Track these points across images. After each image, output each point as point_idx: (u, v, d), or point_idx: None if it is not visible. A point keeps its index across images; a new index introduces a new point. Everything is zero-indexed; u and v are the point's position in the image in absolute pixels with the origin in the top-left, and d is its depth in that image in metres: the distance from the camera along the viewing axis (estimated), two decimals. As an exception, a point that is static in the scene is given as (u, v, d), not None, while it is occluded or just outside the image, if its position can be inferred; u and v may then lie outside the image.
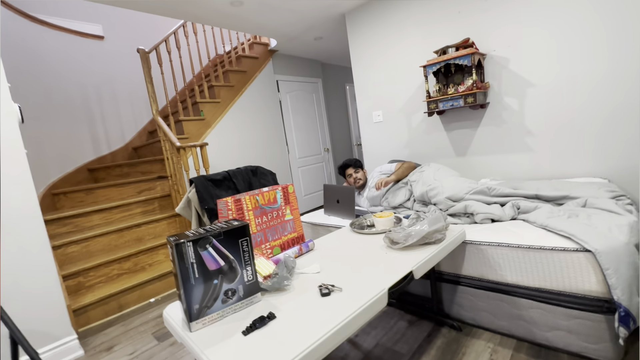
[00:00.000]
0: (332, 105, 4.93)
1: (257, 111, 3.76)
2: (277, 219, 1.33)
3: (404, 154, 2.80)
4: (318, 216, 2.21)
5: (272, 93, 3.96)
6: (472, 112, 2.36)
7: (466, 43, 2.18)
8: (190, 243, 0.89)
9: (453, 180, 1.84)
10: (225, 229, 0.93)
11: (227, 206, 1.21)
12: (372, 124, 3.01)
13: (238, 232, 0.94)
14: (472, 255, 1.45)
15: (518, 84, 2.14)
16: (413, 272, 1.10)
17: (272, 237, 1.32)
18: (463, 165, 2.47)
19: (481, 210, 1.62)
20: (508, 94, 2.19)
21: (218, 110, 3.36)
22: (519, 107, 2.17)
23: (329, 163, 4.81)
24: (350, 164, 2.37)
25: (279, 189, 1.36)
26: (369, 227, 1.61)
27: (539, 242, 1.31)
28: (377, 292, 0.96)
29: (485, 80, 2.26)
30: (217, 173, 2.27)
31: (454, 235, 1.35)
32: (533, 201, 1.65)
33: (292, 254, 1.27)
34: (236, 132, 3.52)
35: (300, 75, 4.36)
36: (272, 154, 3.91)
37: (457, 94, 2.19)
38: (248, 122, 3.65)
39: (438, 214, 1.35)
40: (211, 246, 0.90)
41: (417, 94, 2.63)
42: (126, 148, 3.56)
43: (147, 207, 2.78)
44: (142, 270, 2.41)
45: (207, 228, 0.95)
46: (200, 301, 0.90)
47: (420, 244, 1.25)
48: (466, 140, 2.44)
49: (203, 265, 0.91)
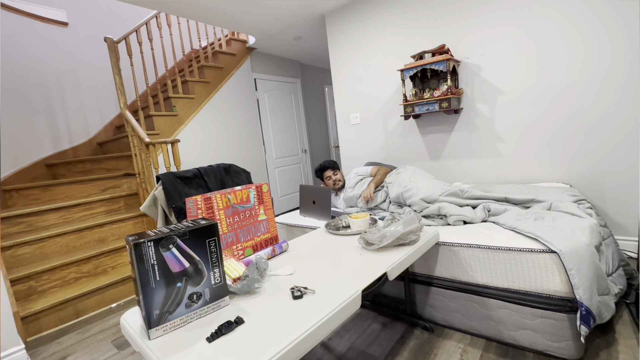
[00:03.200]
0: (311, 107, 4.92)
1: (234, 109, 3.69)
2: (249, 219, 1.32)
3: (381, 156, 2.83)
4: (293, 217, 2.19)
5: (250, 91, 3.91)
6: (447, 117, 2.42)
7: (442, 49, 2.23)
8: (151, 243, 0.83)
9: (428, 182, 1.87)
10: (192, 228, 0.90)
11: (196, 205, 1.18)
12: (349, 125, 3.02)
13: (205, 232, 0.91)
14: (445, 257, 1.48)
15: (489, 91, 2.22)
16: (387, 273, 1.09)
17: (244, 237, 1.30)
18: (437, 169, 2.52)
19: (454, 212, 1.66)
20: (480, 100, 2.27)
21: (192, 106, 3.27)
22: (490, 113, 2.24)
23: (307, 164, 4.79)
24: (328, 166, 2.37)
25: (253, 188, 1.35)
26: (344, 228, 1.61)
27: (508, 244, 1.35)
28: (350, 294, 0.95)
29: (459, 87, 2.32)
30: (187, 170, 2.20)
31: (428, 237, 1.37)
32: (502, 204, 1.70)
33: (264, 255, 1.25)
34: (211, 129, 3.45)
35: (279, 75, 4.33)
36: (248, 154, 3.85)
37: (432, 98, 2.23)
38: (223, 120, 3.58)
39: (413, 216, 1.35)
40: (175, 246, 0.87)
41: (394, 98, 2.67)
42: (90, 143, 3.37)
43: (111, 206, 2.63)
44: (103, 274, 2.26)
45: (172, 227, 0.92)
46: (162, 306, 0.84)
47: (395, 245, 1.26)
48: (440, 144, 2.50)
49: (165, 267, 0.85)
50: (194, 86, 3.29)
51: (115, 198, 2.65)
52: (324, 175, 2.39)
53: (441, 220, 1.71)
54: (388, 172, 2.23)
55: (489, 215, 1.66)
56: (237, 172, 2.40)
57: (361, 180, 2.27)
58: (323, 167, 2.38)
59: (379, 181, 2.15)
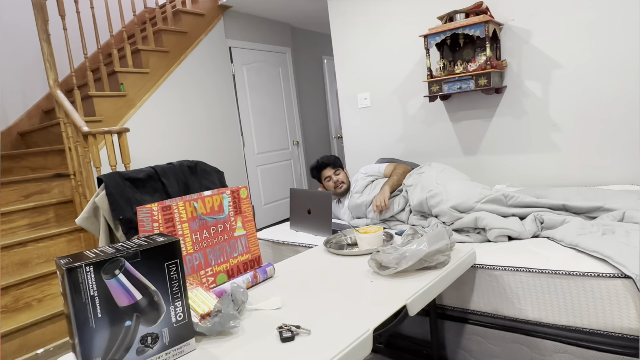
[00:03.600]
0: (305, 84, 4.93)
1: (201, 88, 3.69)
2: (223, 235, 1.33)
3: (398, 150, 2.84)
4: (282, 232, 2.20)
5: (223, 64, 3.90)
6: (485, 98, 2.43)
7: (479, 8, 2.24)
8: (90, 267, 0.83)
9: (461, 185, 1.88)
10: (145, 247, 0.90)
11: (151, 216, 1.19)
12: (356, 110, 3.02)
13: (164, 252, 0.91)
14: (484, 284, 1.48)
15: (542, 63, 2.23)
16: (407, 306, 1.10)
17: (216, 259, 1.31)
18: (473, 167, 2.53)
19: (496, 224, 1.66)
20: (530, 76, 2.27)
21: (146, 84, 3.27)
22: (542, 93, 2.25)
23: (299, 161, 4.80)
24: (328, 163, 2.38)
25: (227, 193, 1.35)
26: (349, 246, 1.62)
27: (567, 266, 1.35)
28: (358, 334, 0.94)
29: (502, 58, 2.33)
30: (139, 169, 2.20)
31: (461, 257, 1.36)
32: (560, 213, 1.71)
33: (242, 284, 1.25)
34: (171, 115, 3.44)
35: (262, 42, 4.33)
36: (221, 148, 3.85)
37: (466, 73, 2.24)
38: (188, 103, 3.58)
39: (441, 229, 1.36)
40: (123, 272, 0.87)
41: (415, 73, 2.68)
42: (8, 133, 3.36)
43: (37, 217, 2.63)
44: (27, 308, 2.25)
45: (119, 246, 0.92)
46: (105, 352, 0.84)
47: (418, 268, 1.26)
48: (477, 134, 2.50)
49: (110, 300, 0.85)
50: (148, 57, 3.29)
51: (42, 207, 2.64)
52: (322, 176, 2.40)
53: (479, 235, 1.72)
54: (408, 171, 2.24)
55: (542, 229, 1.66)
56: (206, 172, 2.41)
57: (372, 183, 2.27)
58: (321, 165, 2.39)
59: (396, 184, 2.16)
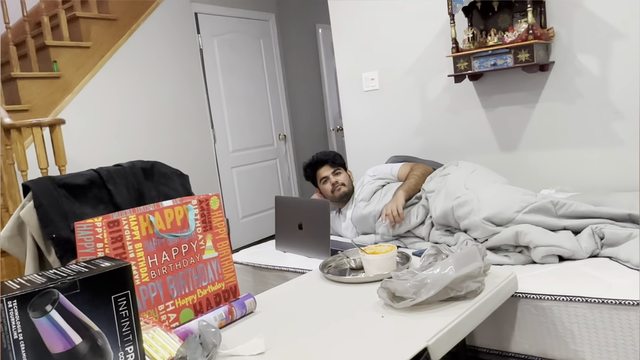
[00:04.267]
0: (295, 61, 4.92)
1: (159, 67, 3.68)
2: (188, 258, 1.33)
3: (415, 146, 2.82)
4: (265, 253, 2.19)
5: (188, 36, 3.89)
6: (528, 77, 2.42)
7: (517, -39, 2.25)
8: (13, 302, 0.82)
9: (496, 191, 1.88)
10: (86, 275, 0.89)
11: (93, 233, 1.19)
12: (360, 93, 3.00)
13: (110, 282, 0.91)
14: (528, 319, 1.47)
15: (599, 32, 2.23)
16: (429, 348, 1.09)
17: (179, 290, 1.30)
18: (512, 167, 2.53)
19: (543, 240, 1.66)
20: (584, 48, 2.27)
21: (86, 62, 3.25)
22: (600, 71, 2.25)
23: (288, 161, 4.79)
24: (325, 159, 2.39)
25: (193, 204, 1.35)
26: (353, 271, 1.61)
27: (635, 295, 1.34)
28: (366, 386, 0.95)
29: (548, 26, 2.33)
30: (78, 173, 2.17)
31: (499, 285, 1.36)
32: (625, 226, 1.70)
33: (214, 321, 1.24)
34: (119, 102, 3.43)
35: (238, 7, 4.33)
36: (185, 144, 3.84)
37: (502, 45, 2.24)
38: (142, 86, 3.57)
39: (472, 248, 1.36)
40: (56, 308, 0.86)
41: (436, 46, 2.67)
42: None
43: (-57, 237, 2.59)
44: None
45: (52, 274, 0.92)
46: (33, 414, 0.83)
47: (442, 299, 1.26)
48: (517, 124, 2.50)
49: (40, 344, 0.85)
50: (89, 27, 3.27)
51: (-51, 223, 2.61)
52: (317, 177, 2.40)
53: (520, 255, 1.72)
54: (429, 173, 2.24)
55: (602, 246, 1.66)
56: (166, 177, 2.38)
57: (382, 188, 2.28)
58: (317, 162, 2.40)
59: (414, 189, 2.15)
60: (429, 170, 2.25)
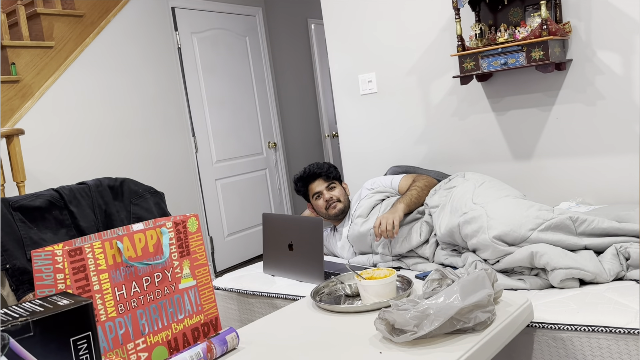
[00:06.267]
0: (285, 62, 4.93)
1: (131, 68, 3.67)
2: (162, 288, 1.34)
3: (417, 154, 2.81)
4: (252, 277, 2.22)
5: (164, 33, 3.90)
6: (542, 77, 2.41)
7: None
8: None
9: (508, 205, 1.86)
10: (40, 315, 0.89)
11: (53, 263, 1.18)
12: (357, 97, 3.00)
13: (69, 322, 0.92)
14: (546, 352, 1.47)
15: (621, 27, 2.20)
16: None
17: (152, 325, 1.31)
18: (527, 177, 2.52)
19: (561, 262, 1.64)
20: (605, 44, 2.25)
21: (49, 63, 3.23)
22: (624, 70, 2.22)
23: (279, 171, 4.79)
24: (318, 172, 2.41)
25: (168, 226, 1.36)
26: (349, 298, 1.62)
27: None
28: None
29: (564, 20, 2.31)
30: (36, 194, 2.12)
31: (512, 314, 1.35)
32: (654, 245, 1.66)
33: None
34: (86, 108, 3.40)
35: (221, 1, 4.33)
36: (162, 155, 3.82)
37: (513, 42, 2.22)
38: (112, 91, 3.55)
39: (480, 273, 1.34)
40: (6, 355, 0.85)
41: (440, 43, 2.66)
42: None
43: None
44: None
45: (1, 314, 0.91)
46: None
47: (447, 332, 1.24)
48: (532, 129, 2.48)
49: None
50: (52, 24, 3.26)
51: None
52: (310, 192, 2.43)
53: (536, 278, 1.71)
54: (432, 184, 2.25)
55: (627, 267, 1.65)
56: (137, 195, 2.36)
57: (381, 202, 2.28)
58: (309, 175, 2.42)
59: (415, 202, 2.17)
60: (433, 182, 2.25)
